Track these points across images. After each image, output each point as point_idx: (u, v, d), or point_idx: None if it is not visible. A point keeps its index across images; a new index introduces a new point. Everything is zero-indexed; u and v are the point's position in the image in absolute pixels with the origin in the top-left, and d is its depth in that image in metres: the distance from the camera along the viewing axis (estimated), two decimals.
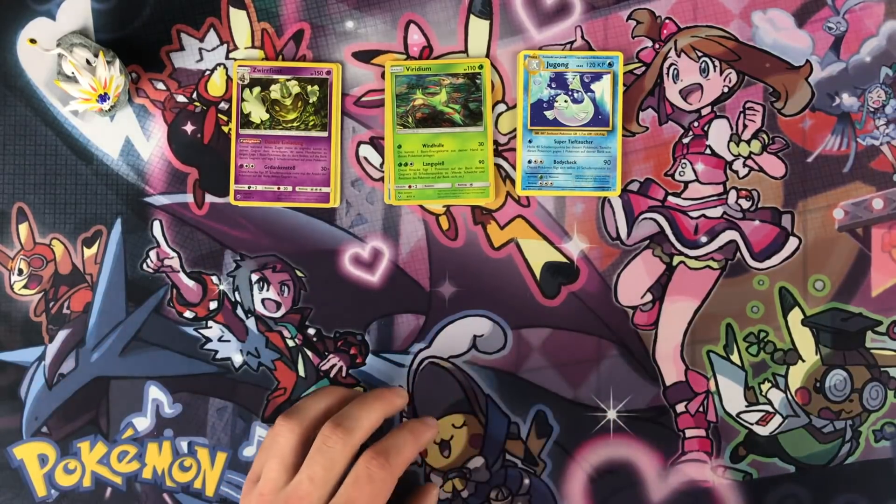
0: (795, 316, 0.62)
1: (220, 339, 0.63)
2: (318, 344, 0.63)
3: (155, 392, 0.63)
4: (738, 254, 0.62)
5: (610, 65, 0.61)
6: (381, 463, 0.53)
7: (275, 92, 0.61)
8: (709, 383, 0.62)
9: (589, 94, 0.61)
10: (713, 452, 0.62)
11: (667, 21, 0.61)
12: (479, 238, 0.62)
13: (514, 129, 0.62)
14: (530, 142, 0.61)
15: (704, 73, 0.61)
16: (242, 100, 0.61)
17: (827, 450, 0.62)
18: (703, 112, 0.61)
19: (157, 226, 0.63)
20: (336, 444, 0.53)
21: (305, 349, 0.63)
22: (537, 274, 0.62)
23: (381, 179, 0.62)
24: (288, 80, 0.61)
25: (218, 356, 0.63)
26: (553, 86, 0.61)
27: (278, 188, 0.62)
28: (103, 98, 0.58)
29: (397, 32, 0.62)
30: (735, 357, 0.62)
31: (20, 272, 0.63)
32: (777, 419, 0.62)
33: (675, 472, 0.62)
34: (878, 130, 0.61)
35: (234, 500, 0.63)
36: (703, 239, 0.62)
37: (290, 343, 0.63)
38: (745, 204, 0.62)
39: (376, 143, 0.62)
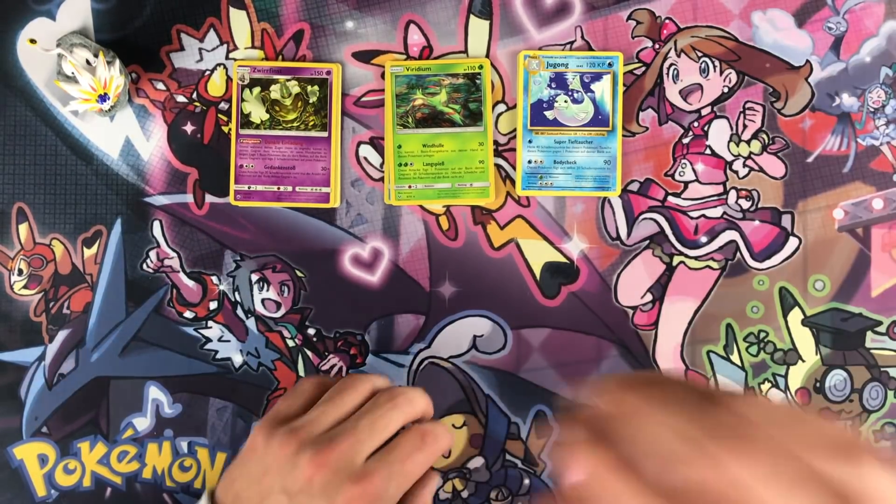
0: (795, 316, 0.62)
1: (220, 339, 0.63)
2: (318, 344, 0.63)
3: (155, 392, 0.63)
4: (738, 254, 0.62)
5: (610, 65, 0.61)
6: (433, 436, 0.53)
7: (275, 92, 0.61)
8: (709, 383, 0.62)
9: (589, 94, 0.61)
10: None
11: (667, 21, 0.61)
12: (479, 238, 0.62)
13: (514, 129, 0.62)
14: (530, 142, 0.61)
15: (704, 73, 0.61)
16: (242, 100, 0.61)
17: None
18: (703, 112, 0.61)
19: (157, 226, 0.62)
20: (400, 405, 0.51)
21: (305, 349, 0.63)
22: (537, 274, 0.62)
23: (381, 179, 0.62)
24: (288, 80, 0.61)
25: (218, 356, 0.63)
26: (553, 86, 0.61)
27: (278, 188, 0.62)
28: (103, 98, 0.58)
29: (397, 32, 0.62)
30: (735, 357, 0.62)
31: (20, 272, 0.63)
32: None
33: None
34: (878, 130, 0.61)
35: None
36: (703, 239, 0.62)
37: (290, 343, 0.63)
38: (745, 204, 0.61)
39: (376, 143, 0.62)
